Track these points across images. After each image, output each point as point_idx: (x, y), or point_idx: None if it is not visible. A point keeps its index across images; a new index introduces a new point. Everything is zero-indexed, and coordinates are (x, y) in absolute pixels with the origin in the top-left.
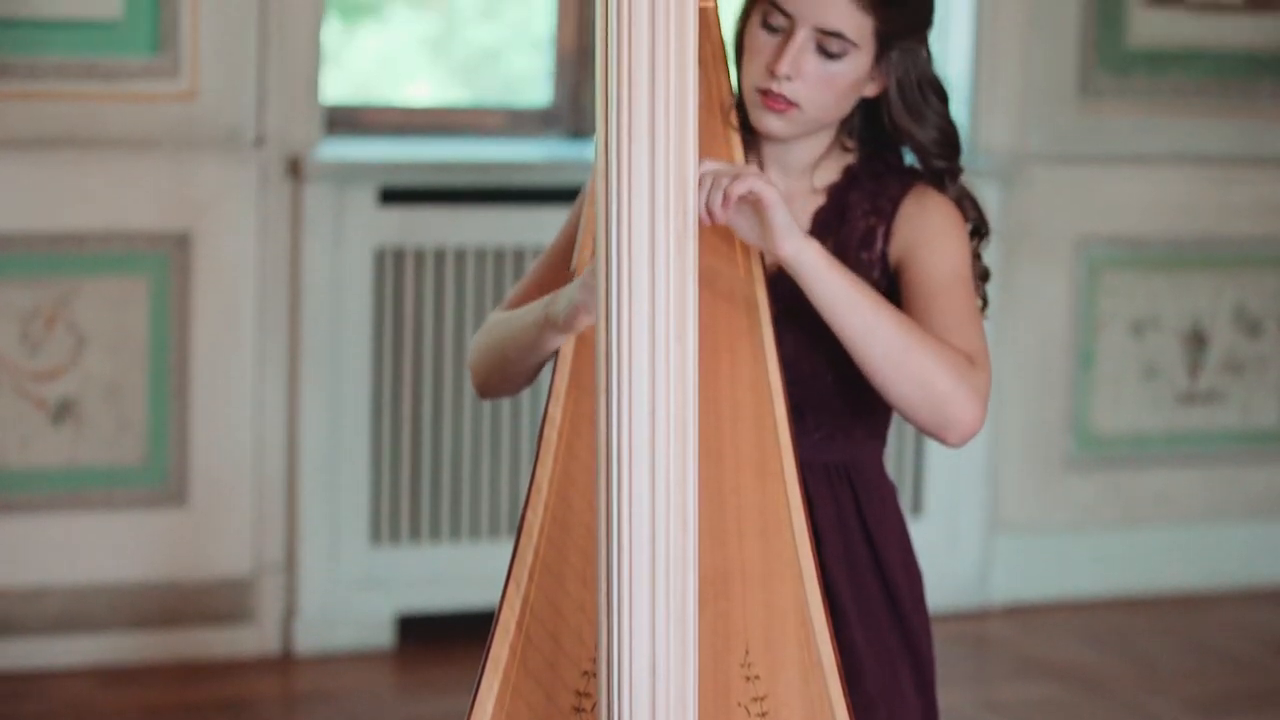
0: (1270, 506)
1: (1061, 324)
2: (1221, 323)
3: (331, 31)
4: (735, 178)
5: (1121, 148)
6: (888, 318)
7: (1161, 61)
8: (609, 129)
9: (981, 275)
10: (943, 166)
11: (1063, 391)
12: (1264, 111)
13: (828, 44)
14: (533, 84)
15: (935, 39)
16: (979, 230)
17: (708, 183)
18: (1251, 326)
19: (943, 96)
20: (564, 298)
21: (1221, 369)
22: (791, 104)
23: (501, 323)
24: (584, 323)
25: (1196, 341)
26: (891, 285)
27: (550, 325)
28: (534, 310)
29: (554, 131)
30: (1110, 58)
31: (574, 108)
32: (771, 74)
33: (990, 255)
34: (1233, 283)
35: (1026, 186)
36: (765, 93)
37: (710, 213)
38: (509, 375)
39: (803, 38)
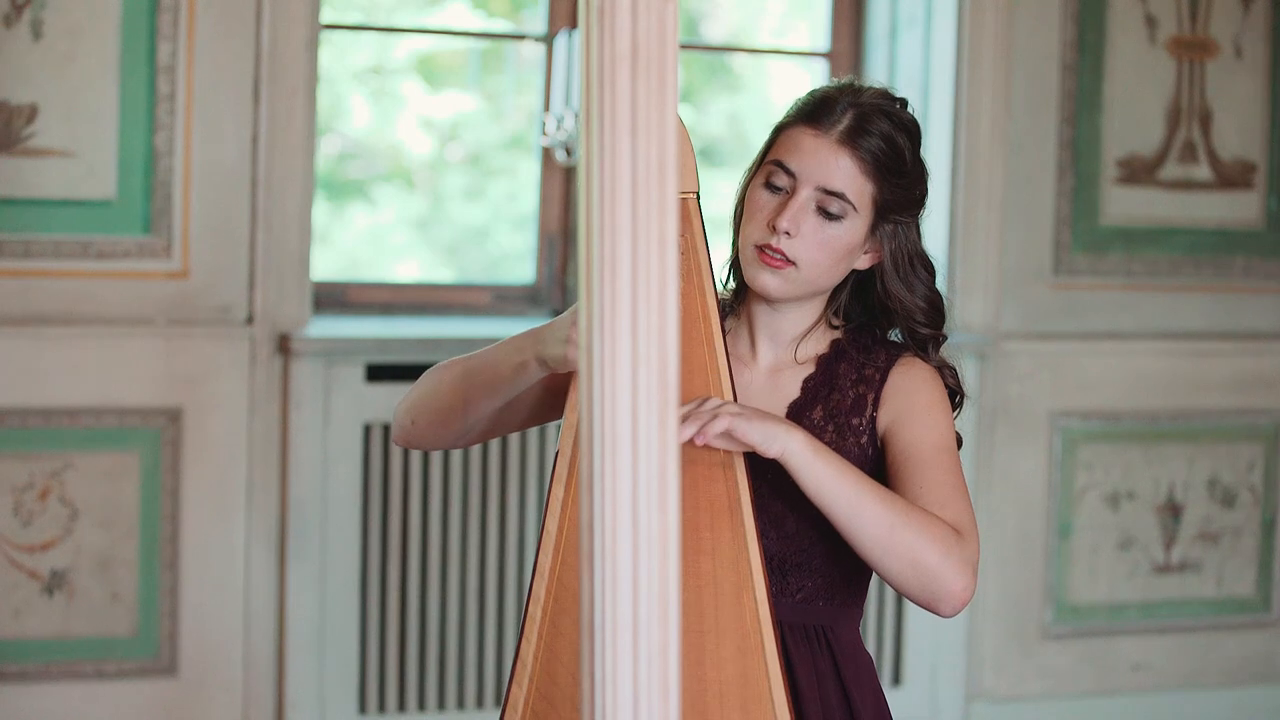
0: (1245, 674)
1: (1039, 496)
2: (1196, 494)
3: (320, 211)
4: (713, 416)
5: (1096, 324)
6: (876, 499)
7: (1134, 239)
8: (592, 308)
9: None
10: (928, 334)
11: (1040, 562)
12: (1236, 286)
13: (828, 204)
14: (517, 263)
15: None
16: (956, 398)
17: (688, 426)
18: (1226, 497)
19: (931, 271)
20: (556, 339)
21: (1196, 539)
22: (789, 262)
23: (458, 362)
24: (574, 358)
25: (1171, 512)
26: (879, 451)
27: (540, 363)
28: (513, 346)
29: (538, 309)
30: (1084, 236)
31: (558, 286)
32: (771, 229)
33: (968, 429)
34: (1206, 454)
35: (1003, 362)
36: (764, 249)
37: (693, 440)
38: (455, 415)
39: (805, 197)
